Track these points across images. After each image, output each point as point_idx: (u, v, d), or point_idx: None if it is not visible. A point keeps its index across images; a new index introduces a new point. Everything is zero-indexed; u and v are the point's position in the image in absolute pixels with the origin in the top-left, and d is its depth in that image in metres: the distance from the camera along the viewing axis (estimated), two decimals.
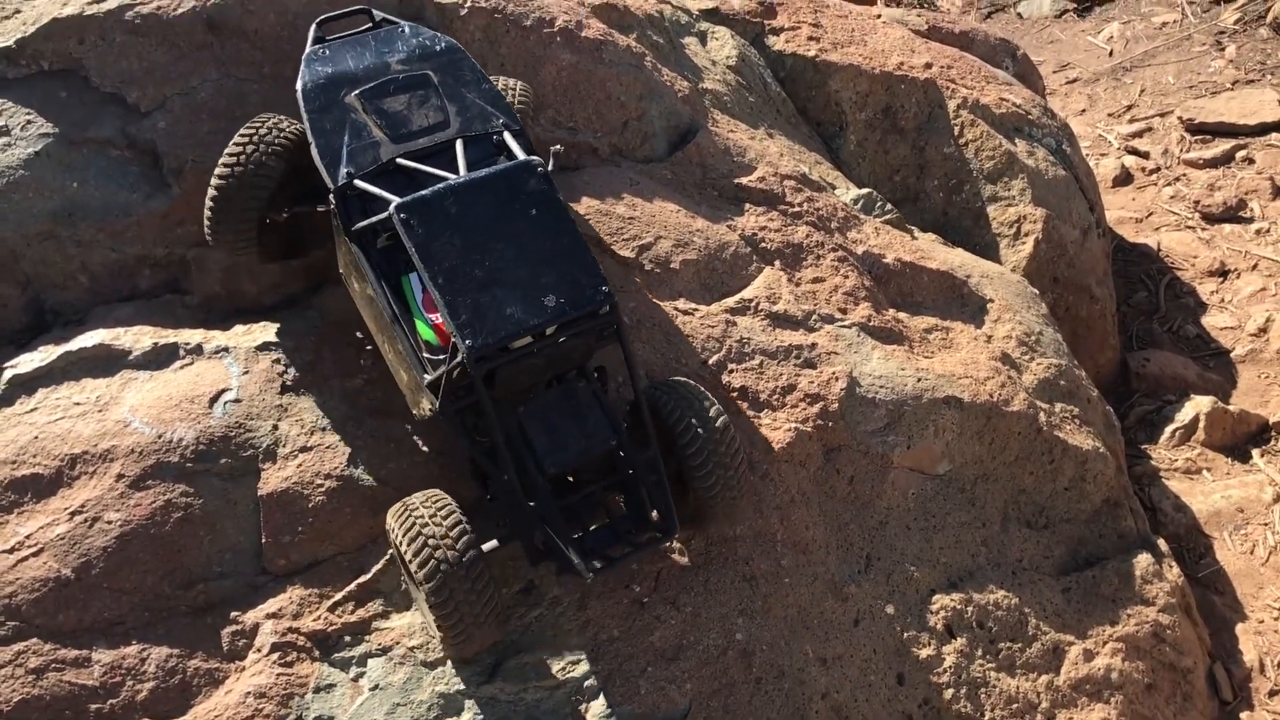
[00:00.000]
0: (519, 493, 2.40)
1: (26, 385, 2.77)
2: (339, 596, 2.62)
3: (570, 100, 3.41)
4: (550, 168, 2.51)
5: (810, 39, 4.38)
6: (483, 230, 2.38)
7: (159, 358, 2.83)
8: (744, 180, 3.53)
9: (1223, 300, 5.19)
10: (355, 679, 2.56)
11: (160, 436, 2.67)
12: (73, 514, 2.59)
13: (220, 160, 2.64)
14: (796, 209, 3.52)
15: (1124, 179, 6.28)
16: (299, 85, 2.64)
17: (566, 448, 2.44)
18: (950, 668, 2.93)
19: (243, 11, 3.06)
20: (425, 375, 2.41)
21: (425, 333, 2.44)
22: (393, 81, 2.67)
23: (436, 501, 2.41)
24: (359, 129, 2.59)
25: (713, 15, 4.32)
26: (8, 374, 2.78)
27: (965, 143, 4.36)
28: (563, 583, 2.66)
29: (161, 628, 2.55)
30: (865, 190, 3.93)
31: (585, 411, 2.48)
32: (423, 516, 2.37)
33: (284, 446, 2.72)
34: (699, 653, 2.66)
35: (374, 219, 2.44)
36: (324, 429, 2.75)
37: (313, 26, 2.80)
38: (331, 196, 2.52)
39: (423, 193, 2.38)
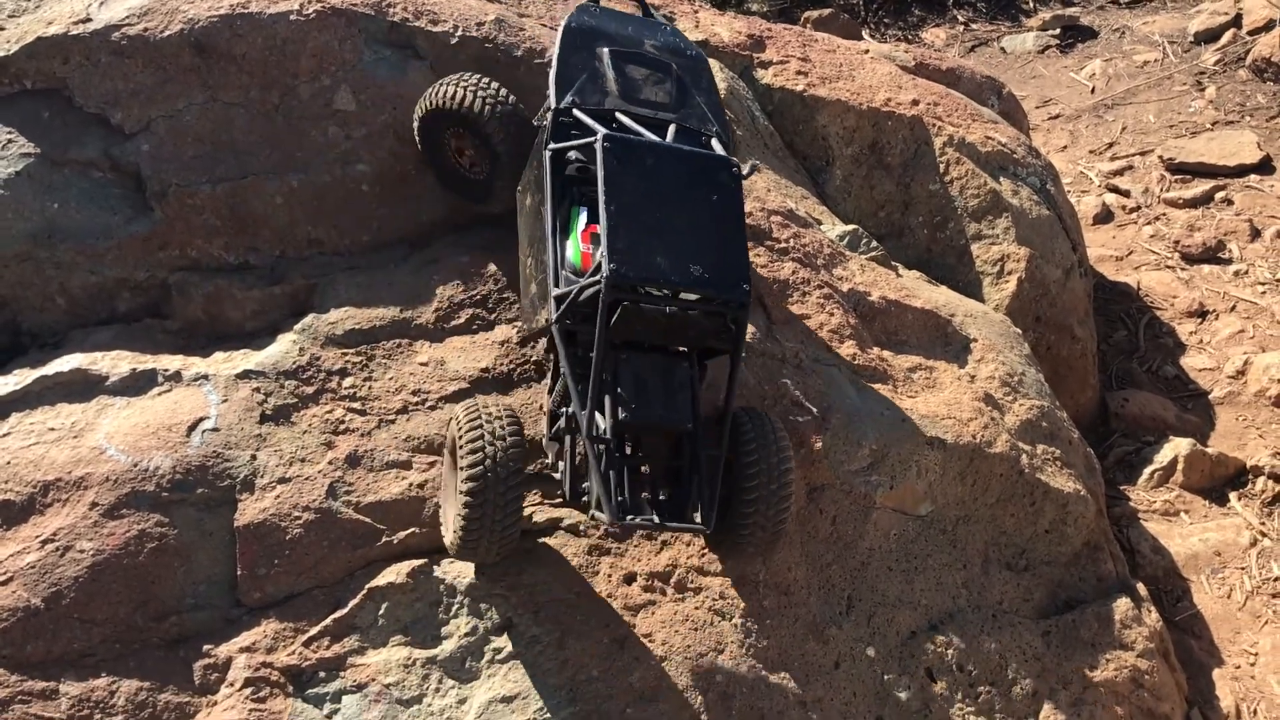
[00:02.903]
0: (585, 428, 2.43)
1: (0, 410, 2.72)
2: (314, 631, 2.58)
3: None
4: (745, 173, 2.63)
5: (799, 73, 4.38)
6: (666, 191, 2.48)
7: (137, 384, 2.79)
8: None
9: (1201, 341, 5.21)
10: (329, 715, 2.52)
11: (136, 465, 2.63)
12: (44, 542, 2.54)
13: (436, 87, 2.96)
14: (783, 245, 3.51)
15: (1105, 217, 6.31)
16: (564, 21, 2.86)
17: (649, 409, 2.48)
18: (930, 713, 2.91)
19: (230, 35, 3.03)
20: (556, 288, 2.50)
21: (575, 256, 2.55)
22: (641, 56, 2.86)
23: (506, 413, 2.51)
24: (597, 75, 2.78)
25: (701, 47, 4.30)
26: None
27: (950, 180, 4.37)
28: (541, 621, 2.63)
29: (132, 660, 2.51)
30: (851, 227, 3.92)
31: (676, 388, 2.53)
32: (489, 419, 2.46)
33: (262, 477, 2.68)
34: (678, 694, 2.63)
35: (577, 142, 2.60)
36: (303, 460, 2.72)
37: None
38: (548, 114, 2.69)
39: (630, 136, 2.53)
